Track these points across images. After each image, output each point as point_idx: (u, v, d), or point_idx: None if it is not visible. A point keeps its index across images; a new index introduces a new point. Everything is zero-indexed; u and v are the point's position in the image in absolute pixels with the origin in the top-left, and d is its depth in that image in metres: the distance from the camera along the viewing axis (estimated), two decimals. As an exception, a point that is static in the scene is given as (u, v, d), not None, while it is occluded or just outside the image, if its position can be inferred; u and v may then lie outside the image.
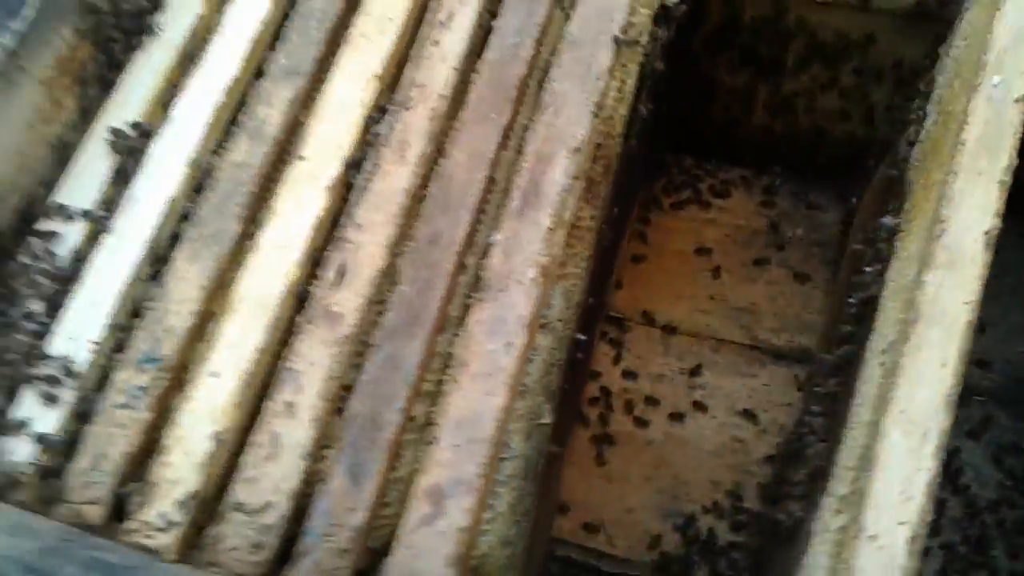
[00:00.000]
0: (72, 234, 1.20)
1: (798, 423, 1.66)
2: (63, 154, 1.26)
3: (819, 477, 1.33)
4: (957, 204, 1.12)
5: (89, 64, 1.28)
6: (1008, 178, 1.13)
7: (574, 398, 1.83)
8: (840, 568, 0.98)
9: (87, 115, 1.27)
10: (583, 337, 1.51)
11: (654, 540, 1.87)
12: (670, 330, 2.05)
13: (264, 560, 0.99)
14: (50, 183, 1.24)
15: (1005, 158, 1.14)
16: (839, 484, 1.07)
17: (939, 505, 1.82)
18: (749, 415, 1.95)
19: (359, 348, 1.12)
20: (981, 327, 1.93)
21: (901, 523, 0.97)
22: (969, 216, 1.11)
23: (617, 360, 2.03)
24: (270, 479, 1.04)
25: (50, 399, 1.08)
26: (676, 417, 1.96)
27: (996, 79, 1.19)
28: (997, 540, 1.79)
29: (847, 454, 1.08)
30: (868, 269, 1.44)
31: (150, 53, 1.31)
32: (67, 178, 1.23)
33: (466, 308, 1.13)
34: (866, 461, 1.03)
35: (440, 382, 1.11)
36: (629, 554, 1.88)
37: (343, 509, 1.02)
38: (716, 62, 1.95)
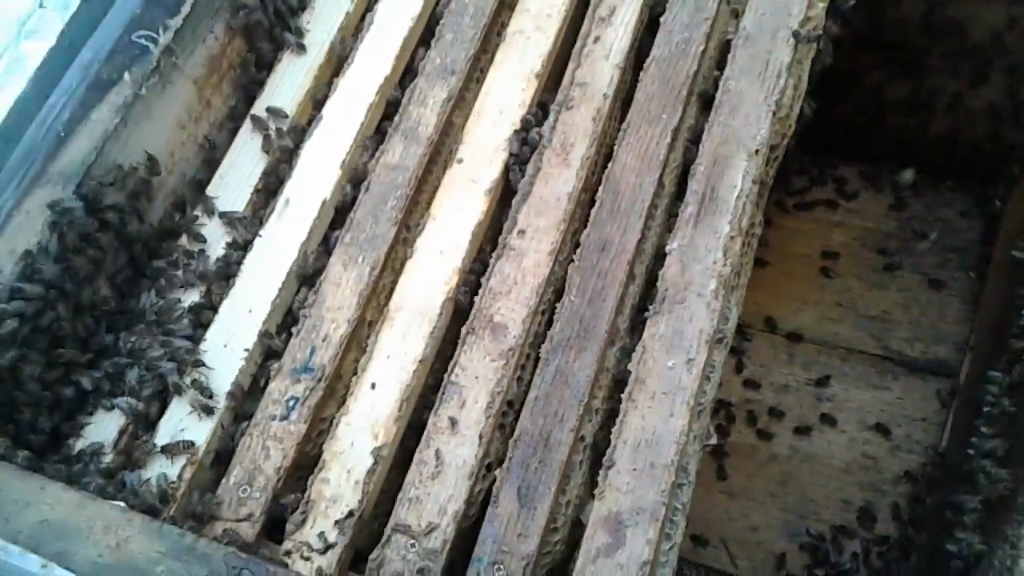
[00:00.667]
0: (223, 236, 1.13)
1: (959, 443, 1.52)
2: (212, 154, 1.18)
3: (1001, 506, 1.20)
4: None
5: (239, 63, 1.20)
6: None
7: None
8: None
9: (236, 115, 1.20)
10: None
11: (779, 560, 1.75)
12: (795, 338, 1.92)
13: (426, 591, 0.90)
14: (201, 182, 1.16)
15: None
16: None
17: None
18: (882, 430, 1.81)
19: (524, 361, 1.02)
20: None
21: None
22: None
23: (739, 369, 1.90)
24: (434, 500, 0.94)
25: (204, 409, 1.00)
26: (802, 431, 1.83)
27: None
28: None
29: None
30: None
31: (299, 52, 1.22)
32: (217, 178, 1.16)
33: (640, 321, 1.02)
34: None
35: (610, 399, 1.00)
36: (754, 574, 1.77)
37: (513, 535, 0.92)
38: (855, 57, 1.81)
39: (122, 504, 0.87)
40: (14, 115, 1.03)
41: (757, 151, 1.08)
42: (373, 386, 1.01)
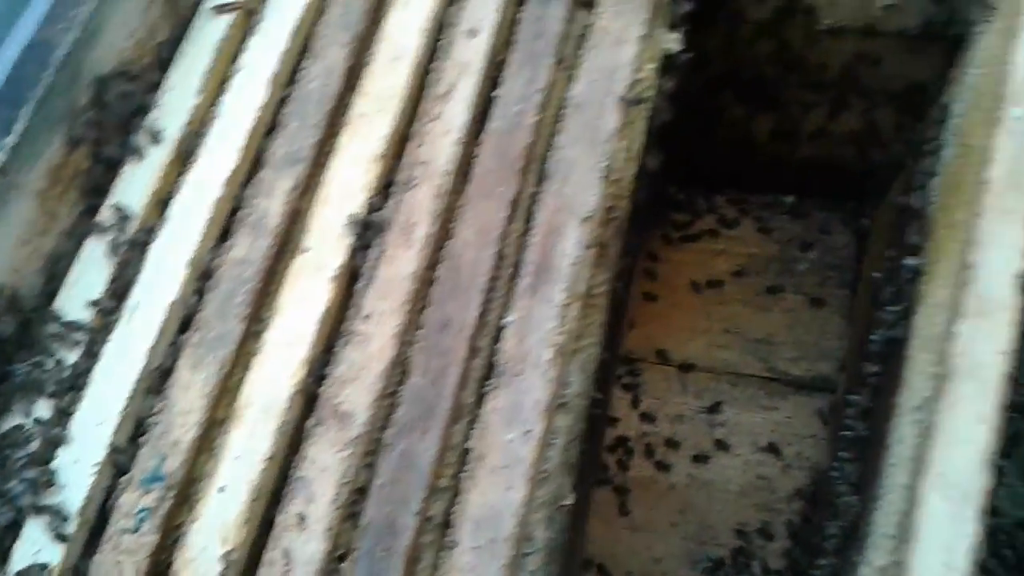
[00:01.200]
0: (73, 348, 1.10)
1: (831, 465, 1.54)
2: (59, 265, 1.16)
3: (853, 533, 1.22)
4: (986, 247, 1.01)
5: (85, 169, 1.18)
6: (1044, 220, 1.01)
7: (593, 451, 1.72)
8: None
9: (83, 222, 1.17)
10: (600, 396, 1.40)
11: (682, 589, 1.75)
12: (687, 368, 1.94)
13: None
14: (49, 293, 1.14)
15: (1036, 198, 1.02)
16: (877, 554, 0.95)
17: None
18: (773, 450, 1.83)
19: (372, 448, 1.01)
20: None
21: (946, 596, 0.85)
22: (999, 259, 1.00)
23: (635, 404, 1.91)
24: (287, 598, 0.93)
25: (57, 533, 0.98)
26: (699, 459, 1.84)
27: (1018, 111, 1.08)
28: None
29: (884, 520, 0.96)
30: (891, 308, 1.32)
31: (145, 152, 1.21)
32: (65, 288, 1.13)
33: (481, 396, 1.02)
34: (904, 529, 0.91)
35: (457, 476, 1.00)
36: (659, 605, 1.77)
37: (365, 626, 0.91)
38: (719, 97, 1.84)
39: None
40: None
41: (589, 217, 1.09)
42: (222, 489, 0.99)
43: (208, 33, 1.32)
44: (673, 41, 1.29)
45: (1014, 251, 1.01)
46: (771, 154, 1.96)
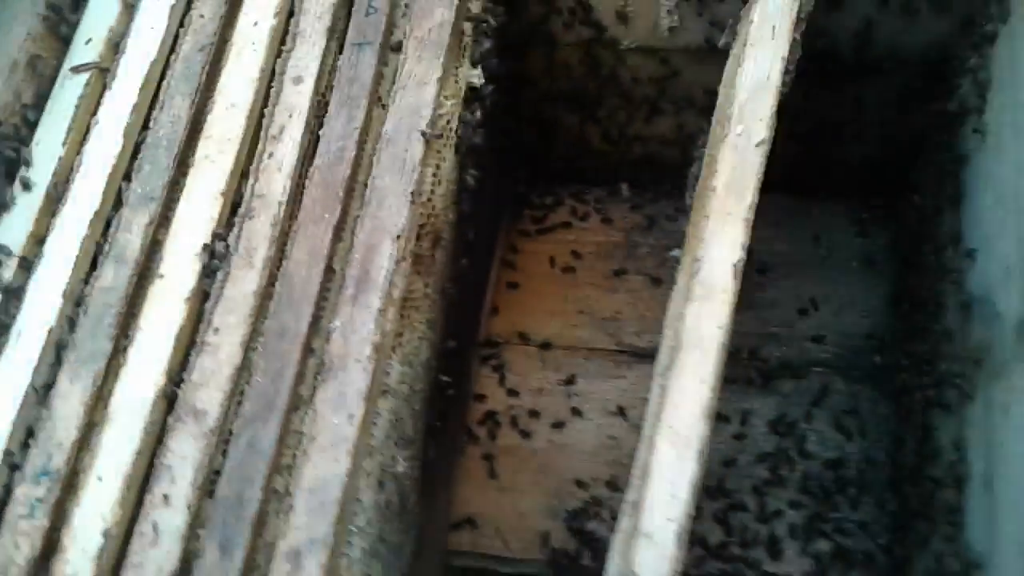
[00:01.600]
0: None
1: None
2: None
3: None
4: (708, 243, 1.26)
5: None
6: (752, 215, 1.28)
7: (455, 424, 1.95)
8: (624, 566, 1.12)
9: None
10: (447, 379, 1.65)
11: (544, 537, 2.00)
12: (546, 346, 2.18)
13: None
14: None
15: (749, 198, 1.28)
16: (630, 492, 1.21)
17: (789, 466, 1.99)
18: (621, 413, 2.09)
19: (224, 437, 1.23)
20: (814, 305, 2.13)
21: (670, 520, 1.11)
22: (720, 253, 1.25)
23: (501, 381, 2.15)
24: (153, 562, 1.15)
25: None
26: (557, 425, 2.09)
27: (739, 128, 1.33)
28: (837, 494, 1.95)
29: (636, 467, 1.23)
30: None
31: (20, 200, 1.40)
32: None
33: (314, 390, 1.25)
34: (644, 472, 1.17)
35: (294, 456, 1.23)
36: (523, 554, 2.00)
37: (218, 578, 1.14)
38: (553, 109, 2.09)
39: None
40: None
41: (399, 236, 1.32)
42: (100, 479, 1.20)
43: (68, 92, 1.51)
44: (476, 76, 1.53)
45: (733, 246, 1.27)
46: (607, 153, 2.21)
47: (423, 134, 1.39)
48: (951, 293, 1.61)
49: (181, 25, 1.56)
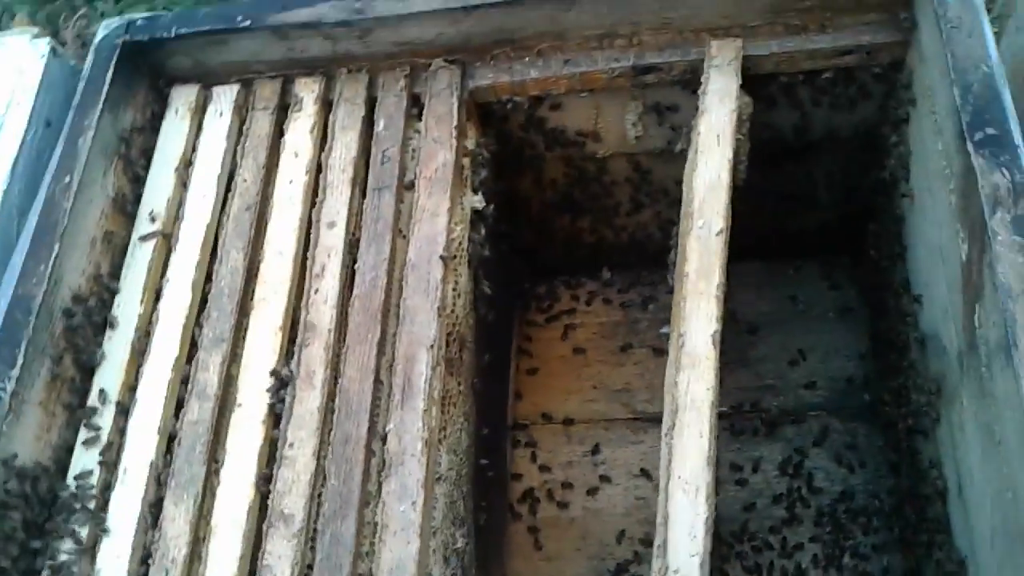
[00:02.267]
0: (86, 503, 1.54)
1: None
2: (63, 452, 1.60)
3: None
4: (688, 320, 1.52)
5: (70, 377, 1.63)
6: (721, 293, 1.53)
7: (499, 502, 2.17)
8: (658, 600, 1.34)
9: (74, 415, 1.62)
10: (485, 461, 1.88)
11: (596, 599, 2.20)
12: (568, 422, 2.41)
13: None
14: (63, 470, 1.58)
15: (717, 278, 1.54)
16: (657, 538, 1.44)
17: (803, 504, 2.19)
18: (645, 474, 2.31)
19: (310, 535, 1.47)
20: (803, 356, 2.37)
21: (692, 555, 1.34)
22: (699, 326, 1.51)
23: (533, 459, 2.38)
24: (269, 649, 1.37)
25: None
26: (591, 492, 2.31)
27: (700, 222, 1.60)
28: (850, 523, 2.16)
29: (659, 516, 1.45)
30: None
31: (110, 355, 1.67)
32: (72, 467, 1.58)
33: (380, 485, 1.49)
34: (665, 518, 1.40)
35: (372, 543, 1.46)
36: (581, 615, 2.21)
37: (325, 655, 1.36)
38: (544, 215, 2.37)
39: None
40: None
41: (432, 345, 1.58)
42: (211, 585, 1.44)
43: (139, 259, 1.79)
44: (477, 201, 1.81)
45: (709, 319, 1.52)
46: (599, 244, 2.48)
47: (441, 258, 1.66)
48: (910, 333, 1.85)
49: (228, 190, 1.85)
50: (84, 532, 1.52)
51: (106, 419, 1.62)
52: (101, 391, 1.64)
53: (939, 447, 1.65)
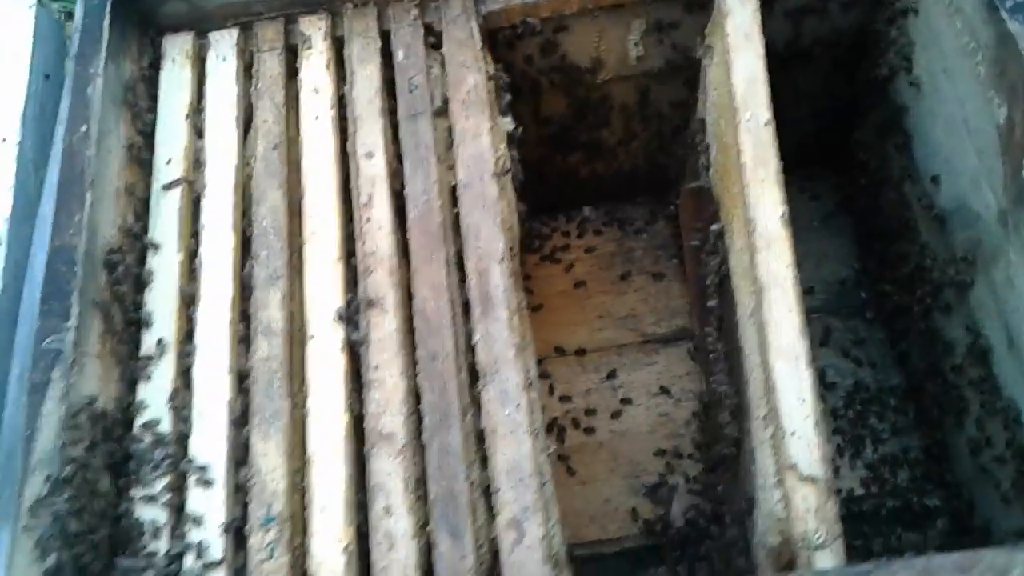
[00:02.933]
0: (165, 447, 1.47)
1: (708, 384, 2.09)
2: (126, 403, 1.52)
3: (738, 414, 1.76)
4: (755, 205, 1.58)
5: (119, 330, 1.55)
6: (781, 177, 1.60)
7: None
8: (780, 461, 1.39)
9: (129, 366, 1.55)
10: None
11: (634, 514, 2.25)
12: (581, 352, 2.45)
13: (418, 619, 1.29)
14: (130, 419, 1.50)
15: (774, 164, 1.61)
16: (758, 409, 1.49)
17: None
18: (664, 391, 2.37)
19: (416, 449, 1.45)
20: (798, 263, 2.48)
21: (806, 417, 1.40)
22: (767, 211, 1.57)
23: (551, 392, 2.40)
24: (397, 564, 1.35)
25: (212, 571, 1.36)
26: (614, 415, 2.36)
27: (747, 114, 1.66)
28: (866, 412, 2.28)
29: (755, 387, 1.51)
30: (711, 261, 1.89)
31: (157, 304, 1.60)
32: (140, 405, 1.51)
33: (475, 396, 1.48)
34: (769, 388, 1.45)
35: (478, 451, 1.45)
36: (620, 532, 2.25)
37: (456, 561, 1.35)
38: (540, 151, 2.39)
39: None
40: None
41: (503, 258, 1.58)
42: (323, 509, 1.40)
43: (165, 208, 1.71)
44: (509, 124, 1.81)
45: (774, 202, 1.58)
46: (599, 176, 2.51)
47: (495, 175, 1.66)
48: (921, 217, 1.97)
49: (246, 132, 1.79)
50: (166, 481, 1.45)
51: (166, 367, 1.55)
52: (159, 340, 1.56)
53: (975, 312, 1.77)
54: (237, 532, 1.42)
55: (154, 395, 1.53)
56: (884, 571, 1.11)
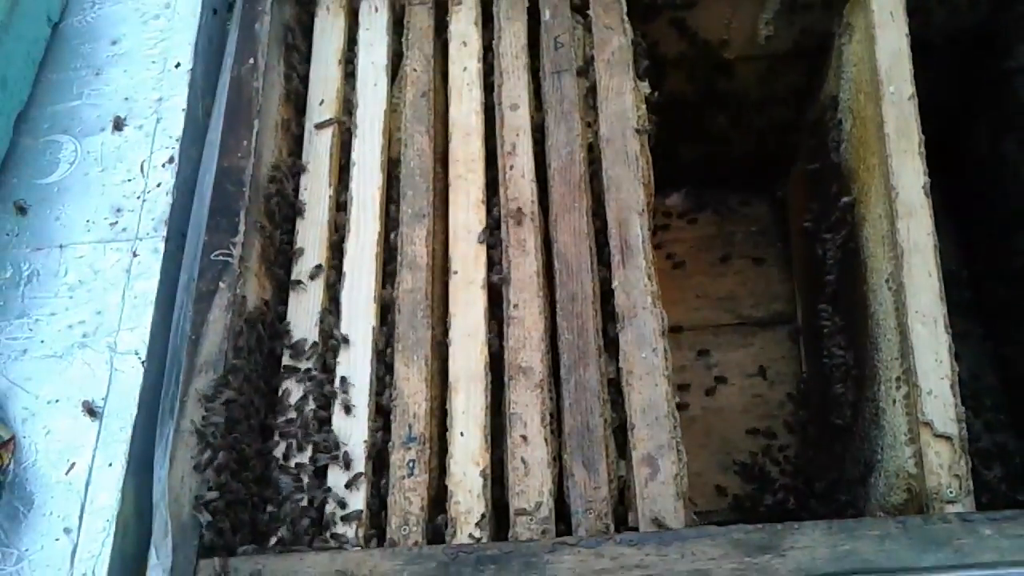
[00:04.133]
0: (311, 383, 1.52)
1: (812, 362, 2.09)
2: (278, 322, 1.58)
3: (859, 381, 1.76)
4: (898, 174, 1.58)
5: (274, 253, 1.61)
6: (923, 149, 1.60)
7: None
8: (916, 419, 1.39)
9: (282, 288, 1.60)
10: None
11: (721, 490, 2.25)
12: (677, 330, 2.46)
13: (550, 540, 1.31)
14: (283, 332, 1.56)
15: (916, 137, 1.61)
16: (890, 371, 1.49)
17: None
18: (761, 373, 2.37)
19: (551, 384, 1.47)
20: None
21: (942, 378, 1.40)
22: (909, 179, 1.57)
23: (648, 364, 2.41)
24: (533, 488, 1.38)
25: (353, 488, 1.40)
26: (708, 392, 2.36)
27: (891, 88, 1.66)
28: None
29: (888, 351, 1.51)
30: (831, 236, 1.89)
31: (308, 233, 1.65)
32: (293, 330, 1.56)
33: (612, 337, 1.51)
34: (906, 349, 1.45)
35: (612, 392, 1.48)
36: (708, 506, 2.26)
37: (590, 490, 1.37)
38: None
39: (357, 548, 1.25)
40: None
41: (643, 211, 1.60)
42: (462, 434, 1.43)
43: (317, 145, 1.76)
44: (647, 88, 1.83)
45: (916, 172, 1.58)
46: (702, 156, 2.52)
47: (636, 131, 1.68)
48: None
49: (393, 80, 1.84)
50: (313, 398, 1.50)
51: (315, 292, 1.60)
52: (307, 266, 1.61)
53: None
54: (380, 453, 1.46)
55: (304, 317, 1.58)
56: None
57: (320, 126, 1.78)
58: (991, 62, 2.10)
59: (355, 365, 1.52)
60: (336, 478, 1.43)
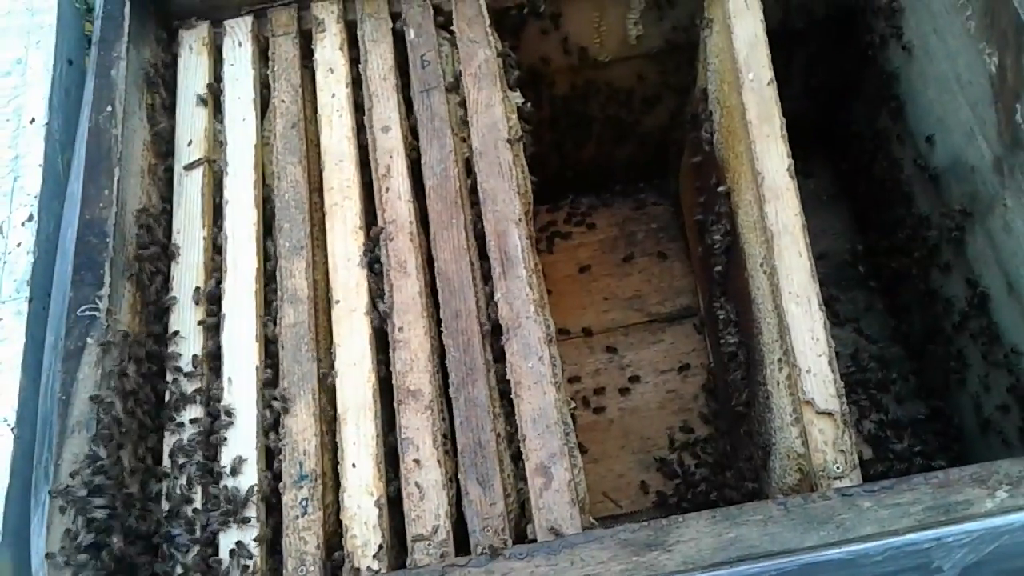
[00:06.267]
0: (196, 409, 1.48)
1: (717, 346, 2.11)
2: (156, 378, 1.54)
3: (750, 366, 1.78)
4: (763, 159, 1.61)
5: (148, 302, 1.57)
6: (785, 132, 1.63)
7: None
8: (798, 398, 1.41)
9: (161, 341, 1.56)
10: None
11: (644, 487, 2.25)
12: (587, 333, 2.47)
13: (451, 561, 1.29)
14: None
15: (778, 120, 1.64)
16: (772, 354, 1.51)
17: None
18: (671, 369, 2.38)
19: (442, 404, 1.46)
20: None
21: (819, 355, 1.42)
22: (773, 163, 1.60)
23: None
24: (429, 512, 1.35)
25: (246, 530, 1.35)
26: (623, 392, 2.37)
27: (751, 75, 1.69)
28: (870, 382, 2.29)
29: (768, 334, 1.52)
30: (717, 227, 1.92)
31: (183, 278, 1.61)
32: (169, 386, 1.52)
33: (500, 349, 1.49)
34: (783, 330, 1.47)
35: (502, 404, 1.46)
36: (634, 507, 2.26)
37: (486, 507, 1.35)
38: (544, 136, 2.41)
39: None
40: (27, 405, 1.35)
41: (520, 220, 1.60)
42: (354, 465, 1.40)
43: (187, 186, 1.72)
44: (518, 98, 1.84)
45: (780, 156, 1.61)
46: (593, 160, 2.54)
47: (508, 141, 1.68)
48: (916, 179, 2.00)
49: (263, 113, 1.81)
50: (198, 442, 1.45)
51: (194, 336, 1.56)
52: (183, 314, 1.57)
53: (973, 264, 1.80)
54: (271, 492, 1.42)
55: (181, 364, 1.53)
56: (905, 484, 1.12)
57: (189, 167, 1.75)
58: (854, 38, 2.16)
59: (241, 409, 1.48)
60: (227, 534, 1.38)
